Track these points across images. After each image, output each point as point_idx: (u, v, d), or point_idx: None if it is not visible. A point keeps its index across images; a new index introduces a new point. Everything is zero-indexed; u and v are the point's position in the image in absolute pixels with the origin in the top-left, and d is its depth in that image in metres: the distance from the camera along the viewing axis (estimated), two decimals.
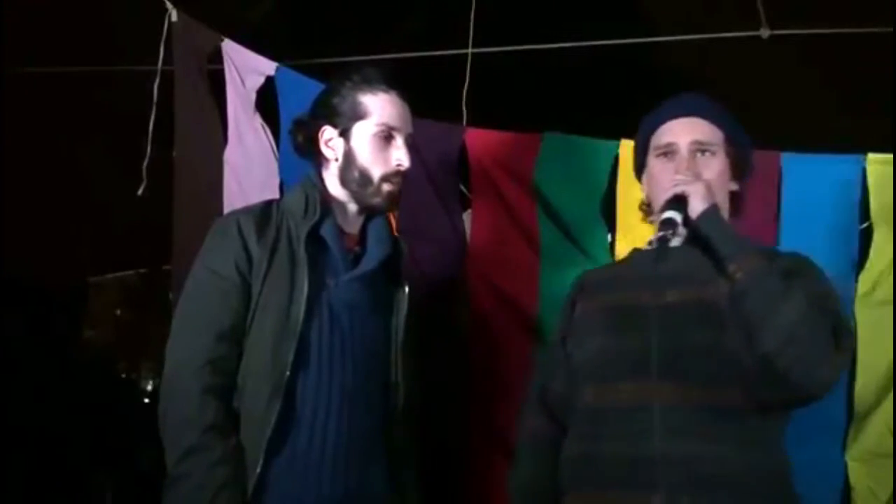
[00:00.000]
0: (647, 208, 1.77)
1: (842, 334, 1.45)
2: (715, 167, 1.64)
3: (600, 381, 1.57)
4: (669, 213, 1.54)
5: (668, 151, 1.66)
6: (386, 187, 1.75)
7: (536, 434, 1.70)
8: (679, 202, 1.55)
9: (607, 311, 1.63)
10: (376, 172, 1.74)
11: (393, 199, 1.78)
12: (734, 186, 1.71)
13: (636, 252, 1.77)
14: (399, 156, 1.74)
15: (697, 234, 1.54)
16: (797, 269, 1.54)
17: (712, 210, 1.54)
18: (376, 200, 1.75)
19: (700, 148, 1.64)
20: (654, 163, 1.69)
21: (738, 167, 1.70)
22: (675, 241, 1.64)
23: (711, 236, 1.52)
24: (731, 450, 1.45)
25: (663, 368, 1.48)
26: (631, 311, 1.59)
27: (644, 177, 1.76)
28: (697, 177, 1.59)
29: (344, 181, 1.76)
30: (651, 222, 1.75)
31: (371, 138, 1.74)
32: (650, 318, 1.54)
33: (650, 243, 1.61)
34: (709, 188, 1.57)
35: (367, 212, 1.79)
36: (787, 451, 1.57)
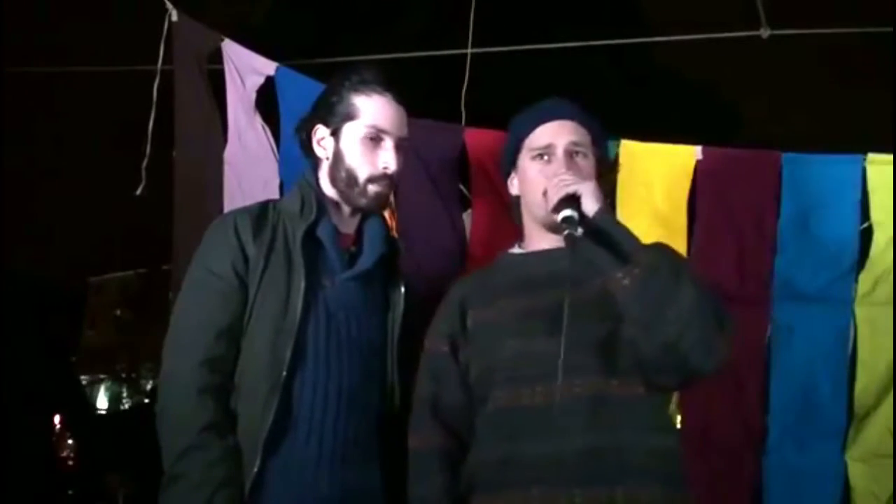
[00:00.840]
0: (515, 207, 1.80)
1: (724, 316, 1.51)
2: (588, 168, 1.70)
3: (514, 383, 1.59)
4: (568, 212, 1.56)
5: (545, 153, 1.69)
6: (372, 188, 1.74)
7: (433, 445, 1.67)
8: (570, 201, 1.58)
9: (512, 315, 1.65)
10: (363, 174, 1.73)
11: (380, 201, 1.77)
12: None
13: (507, 256, 1.79)
14: (386, 158, 1.73)
15: (594, 231, 1.58)
16: (673, 255, 1.60)
17: (606, 208, 1.58)
18: (362, 201, 1.74)
19: (576, 149, 1.69)
20: (529, 164, 1.72)
21: (603, 168, 1.76)
22: (535, 243, 1.72)
23: (612, 233, 1.56)
24: (641, 436, 1.52)
25: (574, 365, 1.51)
26: (537, 314, 1.61)
27: (514, 177, 1.79)
28: (579, 177, 1.62)
29: (333, 181, 1.76)
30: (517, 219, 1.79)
31: (359, 139, 1.73)
32: (555, 318, 1.55)
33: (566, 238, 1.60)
34: (597, 187, 1.61)
35: (357, 212, 1.79)
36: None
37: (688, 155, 2.53)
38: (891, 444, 2.33)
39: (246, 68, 2.63)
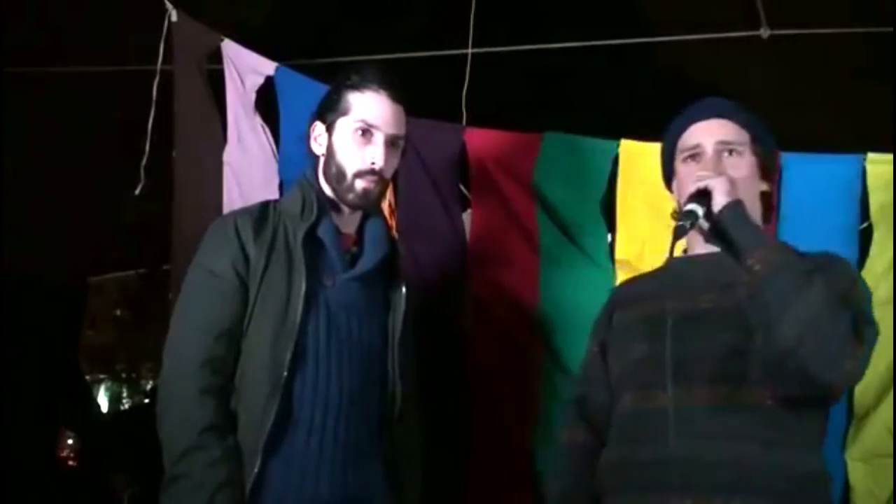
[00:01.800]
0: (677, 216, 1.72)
1: (863, 326, 1.42)
2: (742, 167, 1.64)
3: (637, 388, 1.59)
4: (691, 206, 1.53)
5: (695, 154, 1.66)
6: (360, 184, 1.73)
7: (576, 443, 1.72)
8: (702, 196, 1.54)
9: (641, 321, 1.65)
10: (350, 168, 1.72)
11: (367, 198, 1.75)
12: (764, 186, 1.70)
13: (673, 260, 1.72)
14: (374, 154, 1.72)
15: (719, 227, 1.53)
16: (822, 264, 1.52)
17: (734, 204, 1.52)
18: (350, 197, 1.74)
19: (726, 148, 1.64)
20: (681, 167, 1.69)
21: (766, 167, 1.69)
22: (699, 247, 1.65)
23: (732, 229, 1.50)
24: (760, 451, 1.45)
25: (694, 373, 1.49)
26: (661, 320, 1.59)
27: (674, 184, 1.76)
28: (721, 173, 1.58)
29: (326, 176, 1.76)
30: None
31: (350, 134, 1.73)
32: (680, 325, 1.55)
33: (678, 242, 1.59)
34: (732, 183, 1.55)
35: (357, 211, 1.79)
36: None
37: None
38: (890, 444, 2.33)
39: (246, 68, 2.63)
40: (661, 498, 1.47)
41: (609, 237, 2.59)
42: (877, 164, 2.46)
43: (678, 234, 1.50)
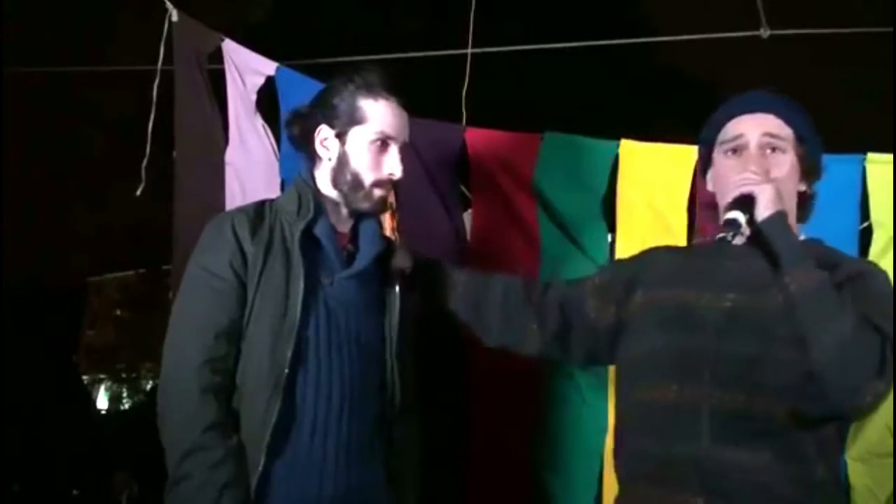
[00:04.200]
0: (712, 210, 1.69)
1: (886, 360, 1.39)
2: (784, 166, 1.59)
3: (650, 378, 1.54)
4: (733, 214, 1.49)
5: (737, 147, 1.61)
6: (377, 192, 1.75)
7: (542, 288, 1.78)
8: (745, 202, 1.50)
9: (666, 309, 1.58)
10: (368, 178, 1.73)
11: (381, 205, 1.78)
12: (803, 187, 1.65)
13: (706, 245, 1.71)
14: (392, 165, 1.74)
15: (759, 237, 1.51)
16: (858, 276, 1.50)
17: (778, 216, 1.48)
18: (365, 205, 1.75)
19: (770, 143, 1.59)
20: (721, 160, 1.64)
21: (808, 168, 1.65)
22: (738, 240, 1.60)
23: (773, 243, 1.48)
24: (771, 460, 1.43)
25: (714, 373, 1.46)
26: (687, 312, 1.55)
27: (710, 174, 1.69)
28: (766, 175, 1.54)
29: (336, 182, 1.76)
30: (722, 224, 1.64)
31: (367, 145, 1.73)
32: (706, 322, 1.51)
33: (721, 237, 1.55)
34: (777, 190, 1.52)
35: (361, 213, 1.79)
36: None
37: (688, 155, 2.53)
38: (890, 444, 2.33)
39: (246, 68, 2.63)
40: (666, 494, 1.45)
41: (609, 237, 2.59)
42: (877, 164, 2.46)
43: (721, 244, 1.49)
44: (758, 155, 1.58)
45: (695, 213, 2.52)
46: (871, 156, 2.47)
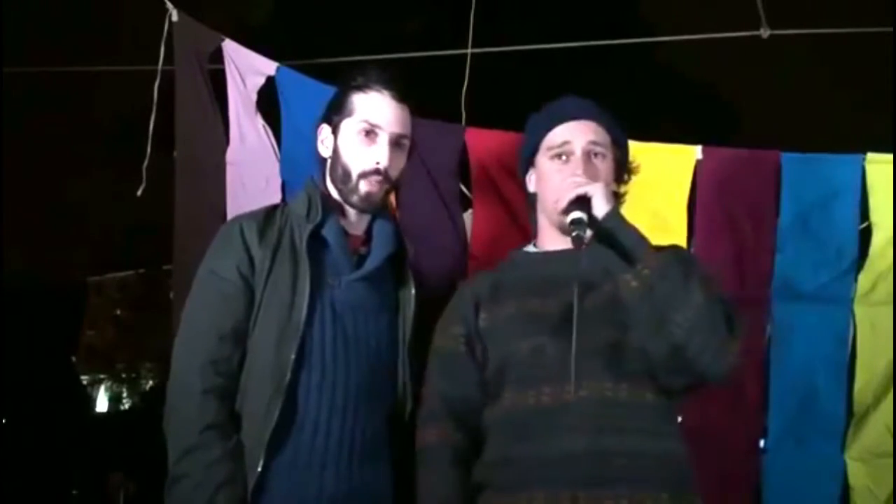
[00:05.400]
0: (531, 205, 1.79)
1: (735, 319, 1.51)
2: (605, 170, 1.69)
3: (522, 384, 1.59)
4: (578, 214, 1.55)
5: (563, 153, 1.68)
6: (363, 186, 1.73)
7: (447, 441, 1.66)
8: (582, 203, 1.57)
9: (524, 317, 1.64)
10: (355, 169, 1.72)
11: (370, 200, 1.74)
12: (615, 188, 1.74)
13: (521, 254, 1.78)
14: (378, 154, 1.72)
15: (603, 233, 1.57)
16: (684, 258, 1.60)
17: (616, 210, 1.57)
18: (354, 198, 1.74)
19: (594, 150, 1.68)
20: (546, 163, 1.71)
21: (620, 170, 1.74)
22: (549, 243, 1.71)
23: (618, 235, 1.55)
24: (648, 440, 1.52)
25: (581, 368, 1.51)
26: (547, 316, 1.61)
27: (531, 175, 1.78)
28: (594, 178, 1.62)
29: (333, 179, 1.77)
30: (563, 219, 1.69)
31: (355, 135, 1.73)
32: (564, 320, 1.55)
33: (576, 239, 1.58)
34: (609, 189, 1.62)
35: (364, 213, 1.79)
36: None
37: (688, 155, 2.53)
38: (890, 444, 2.34)
39: (247, 68, 2.63)
40: (552, 493, 1.48)
41: None
42: (877, 164, 2.46)
43: (577, 243, 1.53)
44: (584, 160, 1.66)
45: (694, 213, 2.52)
46: (870, 156, 2.47)
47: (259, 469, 1.56)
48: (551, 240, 1.72)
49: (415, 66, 2.85)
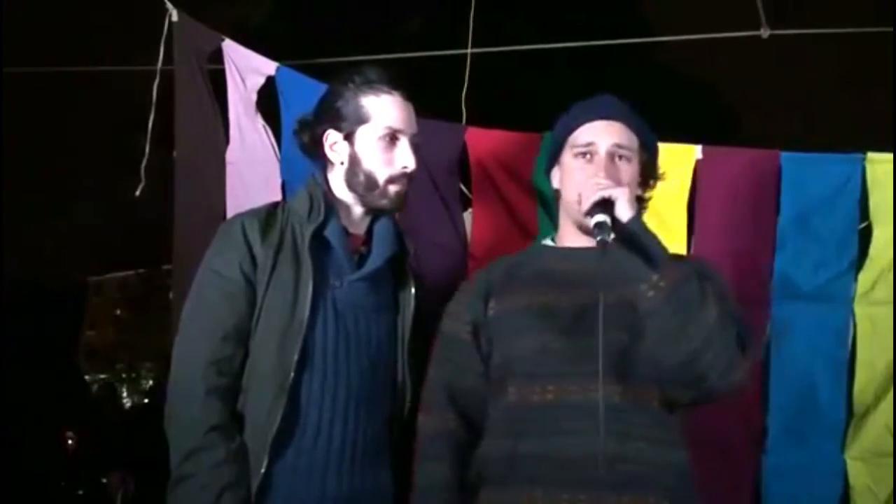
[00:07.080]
0: (553, 201, 1.80)
1: (747, 339, 1.52)
2: (630, 173, 1.68)
3: (527, 380, 1.58)
4: (601, 217, 1.54)
5: (588, 152, 1.67)
6: (392, 189, 1.73)
7: (450, 430, 1.66)
8: (605, 205, 1.57)
9: (535, 311, 1.63)
10: (382, 175, 1.72)
11: (400, 201, 1.76)
12: (640, 192, 1.74)
13: (540, 247, 1.78)
14: (405, 158, 1.73)
15: (624, 237, 1.56)
16: (704, 273, 1.58)
17: (638, 217, 1.57)
18: (383, 202, 1.74)
19: (619, 152, 1.67)
20: (571, 161, 1.70)
21: (647, 175, 1.74)
22: (569, 240, 1.71)
23: (639, 242, 1.54)
24: (650, 447, 1.52)
25: (591, 369, 1.49)
26: (559, 312, 1.60)
27: (555, 171, 1.77)
28: (618, 182, 1.61)
29: (350, 184, 1.75)
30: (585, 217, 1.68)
31: (376, 142, 1.72)
32: (579, 320, 1.56)
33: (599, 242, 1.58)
34: (632, 194, 1.61)
35: (375, 213, 1.78)
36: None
37: (688, 154, 2.53)
38: (890, 443, 2.34)
39: (246, 68, 2.63)
40: (551, 493, 1.48)
41: None
42: (877, 164, 2.46)
43: (601, 246, 1.52)
44: (607, 161, 1.66)
45: (694, 213, 2.52)
46: (870, 155, 2.47)
47: (263, 469, 1.56)
48: (571, 236, 1.72)
49: (415, 66, 2.85)
